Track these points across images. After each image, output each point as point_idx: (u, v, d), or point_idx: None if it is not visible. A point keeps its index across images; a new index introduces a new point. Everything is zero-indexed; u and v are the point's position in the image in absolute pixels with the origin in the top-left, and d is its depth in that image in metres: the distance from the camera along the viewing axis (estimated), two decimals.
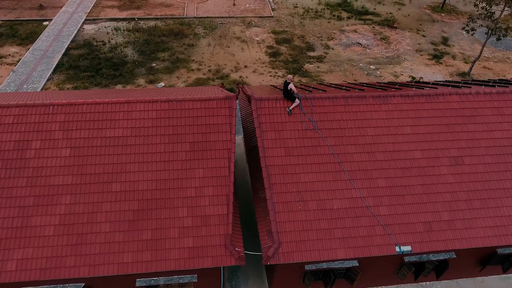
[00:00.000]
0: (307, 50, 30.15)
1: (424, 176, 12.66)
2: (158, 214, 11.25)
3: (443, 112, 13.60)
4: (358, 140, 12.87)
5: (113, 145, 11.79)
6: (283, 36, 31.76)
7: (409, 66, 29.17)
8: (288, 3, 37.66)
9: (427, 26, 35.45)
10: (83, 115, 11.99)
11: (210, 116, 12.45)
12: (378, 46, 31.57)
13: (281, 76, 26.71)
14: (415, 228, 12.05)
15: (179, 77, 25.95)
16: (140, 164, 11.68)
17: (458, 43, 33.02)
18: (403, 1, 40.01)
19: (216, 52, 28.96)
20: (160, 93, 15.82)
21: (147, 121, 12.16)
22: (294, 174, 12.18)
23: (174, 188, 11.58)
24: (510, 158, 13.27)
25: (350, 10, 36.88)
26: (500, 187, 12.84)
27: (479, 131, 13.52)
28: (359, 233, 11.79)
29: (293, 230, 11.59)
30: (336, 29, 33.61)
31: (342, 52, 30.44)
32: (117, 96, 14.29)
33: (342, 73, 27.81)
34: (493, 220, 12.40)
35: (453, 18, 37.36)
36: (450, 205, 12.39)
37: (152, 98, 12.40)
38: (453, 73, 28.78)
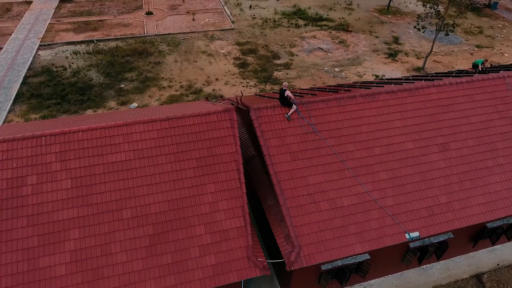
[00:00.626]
0: (273, 59, 30.89)
1: (419, 164, 13.53)
2: (175, 235, 10.92)
3: (424, 104, 14.68)
4: (355, 137, 13.47)
5: (117, 171, 11.29)
6: (247, 47, 32.27)
7: (369, 66, 30.95)
8: (246, 15, 38.38)
9: (378, 27, 37.90)
10: (80, 142, 11.37)
11: (212, 130, 12.39)
12: (338, 50, 33.17)
13: (253, 86, 27.10)
14: (419, 214, 12.81)
15: (151, 96, 25.35)
16: (148, 187, 11.30)
17: (408, 41, 35.65)
18: (352, 6, 42.44)
19: (185, 67, 28.71)
20: (146, 113, 15.42)
21: (149, 142, 11.81)
22: (302, 178, 12.45)
23: (188, 206, 11.33)
24: (487, 140, 14.60)
25: (306, 17, 38.42)
26: (484, 166, 14.06)
27: (458, 117, 14.75)
28: (371, 226, 12.29)
29: (310, 232, 11.80)
30: (297, 37, 34.82)
31: (306, 57, 31.57)
32: (99, 121, 13.73)
33: (310, 78, 28.82)
34: (483, 198, 13.54)
35: (398, 19, 40.29)
36: (446, 189, 13.35)
37: (151, 118, 12.09)
38: (409, 69, 30.99)
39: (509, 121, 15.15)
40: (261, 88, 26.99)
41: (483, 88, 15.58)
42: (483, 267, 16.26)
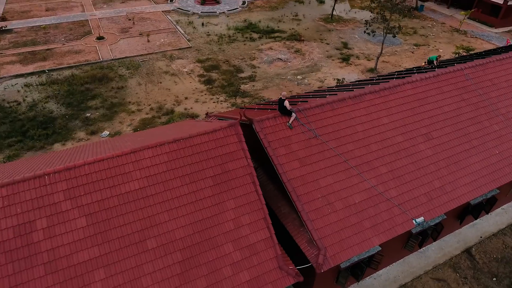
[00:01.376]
0: (237, 73, 31.32)
1: (410, 155, 14.65)
2: (205, 257, 10.65)
3: (404, 99, 15.98)
4: (352, 137, 14.24)
5: (133, 200, 10.78)
6: (209, 63, 32.38)
7: (328, 71, 32.68)
8: (200, 32, 38.54)
9: (326, 35, 40.21)
10: (88, 176, 10.70)
11: (221, 146, 12.36)
12: (296, 59, 34.60)
13: (223, 101, 27.21)
14: (420, 201, 13.83)
15: (121, 122, 24.31)
16: (169, 212, 10.92)
17: (356, 45, 38.27)
18: (298, 17, 44.59)
19: (150, 89, 28.00)
20: (134, 139, 14.90)
21: (161, 166, 11.46)
22: (313, 182, 12.85)
23: (212, 226, 11.13)
24: (460, 125, 16.25)
25: (258, 31, 39.58)
26: (463, 150, 15.61)
27: (433, 108, 16.25)
28: (382, 218, 13.01)
29: (331, 232, 12.19)
30: (254, 49, 35.70)
31: (268, 69, 32.47)
32: (87, 154, 13.08)
33: (276, 87, 29.68)
34: (468, 178, 14.99)
35: (343, 26, 43.14)
36: (437, 174, 14.59)
37: (158, 142, 11.75)
38: (363, 70, 33.25)
39: (474, 107, 17.02)
40: (232, 102, 27.20)
41: (447, 80, 17.37)
42: (470, 242, 17.86)
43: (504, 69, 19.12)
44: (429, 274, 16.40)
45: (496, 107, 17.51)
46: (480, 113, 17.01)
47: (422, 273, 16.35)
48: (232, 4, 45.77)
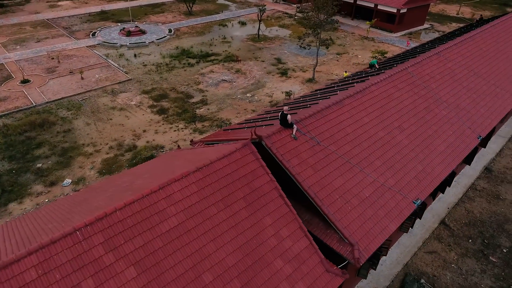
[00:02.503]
0: (187, 99, 31.06)
1: (394, 146, 16.48)
2: (261, 278, 10.59)
3: (374, 99, 17.94)
4: (346, 138, 15.50)
5: (177, 237, 10.26)
6: (156, 93, 31.52)
7: (272, 86, 34.37)
8: (135, 63, 37.29)
9: (259, 53, 42.28)
10: (124, 222, 9.90)
11: (242, 166, 12.46)
12: (239, 78, 35.67)
13: (184, 128, 26.75)
14: (412, 184, 15.60)
15: (81, 166, 22.23)
16: (214, 242, 10.63)
17: (288, 60, 40.96)
18: (227, 39, 46.06)
19: (102, 128, 26.14)
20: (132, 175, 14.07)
21: (192, 197, 11.11)
22: (329, 185, 13.66)
23: (257, 246, 11.11)
24: (419, 115, 18.79)
25: (194, 56, 39.84)
26: (427, 135, 18.06)
27: (397, 104, 18.53)
28: (390, 206, 14.36)
29: (357, 228, 13.07)
30: (196, 74, 35.82)
31: (216, 91, 32.87)
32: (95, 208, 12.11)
33: (231, 107, 30.21)
34: (438, 158, 17.37)
35: (270, 43, 45.82)
36: (417, 159, 16.63)
37: (182, 173, 11.39)
38: (303, 81, 35.73)
39: (424, 98, 19.85)
40: (193, 128, 26.89)
41: (399, 79, 19.99)
42: (442, 214, 20.47)
43: (435, 63, 22.69)
44: (422, 249, 18.35)
45: (438, 96, 20.67)
46: (429, 102, 19.90)
47: (416, 250, 18.22)
48: (159, 33, 45.27)
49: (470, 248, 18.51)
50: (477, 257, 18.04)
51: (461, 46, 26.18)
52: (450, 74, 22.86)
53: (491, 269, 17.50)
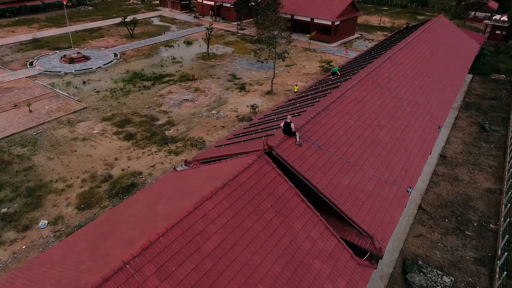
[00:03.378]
0: (153, 121, 30.17)
1: (379, 143, 17.96)
2: (306, 281, 10.87)
3: (352, 103, 19.41)
4: (340, 140, 16.56)
5: (224, 254, 10.15)
6: (117, 119, 30.10)
7: (234, 101, 34.87)
8: (86, 90, 35.21)
9: (212, 71, 42.63)
10: (170, 248, 9.55)
11: (262, 178, 12.71)
12: (200, 96, 35.59)
13: (157, 151, 25.93)
14: (402, 175, 17.12)
15: (55, 204, 20.37)
16: (258, 254, 10.69)
17: (242, 75, 41.89)
18: (177, 59, 45.70)
19: (68, 161, 24.23)
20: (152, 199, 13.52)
21: (227, 213, 11.08)
22: (338, 184, 14.47)
23: (295, 251, 11.40)
24: (391, 113, 20.71)
25: (147, 78, 38.86)
26: (403, 129, 19.97)
27: (370, 105, 20.25)
28: (391, 197, 15.60)
29: (372, 221, 13.99)
30: (155, 96, 34.96)
31: (180, 111, 32.40)
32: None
33: (200, 126, 30.00)
34: (415, 149, 19.27)
35: (221, 60, 46.47)
36: (400, 151, 18.30)
37: (212, 190, 11.30)
38: (262, 94, 36.82)
39: (389, 97, 21.93)
40: (167, 150, 26.19)
41: (366, 83, 21.88)
42: (417, 200, 22.50)
43: (389, 67, 25.20)
44: (410, 235, 20.00)
45: (400, 95, 22.99)
46: (395, 101, 22.05)
47: (406, 236, 19.80)
48: (104, 58, 43.35)
49: (448, 226, 20.64)
50: (456, 234, 20.16)
51: (405, 50, 29.42)
52: (404, 75, 25.56)
53: (469, 242, 19.68)
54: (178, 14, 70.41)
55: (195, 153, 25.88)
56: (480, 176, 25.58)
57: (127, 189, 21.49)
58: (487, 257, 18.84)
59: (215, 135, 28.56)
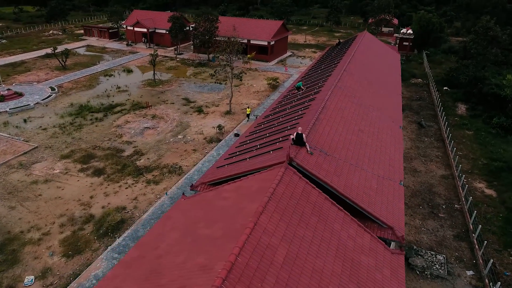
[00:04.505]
0: (119, 153, 28.50)
1: (366, 145, 19.75)
2: (363, 275, 11.59)
3: (334, 112, 21.06)
4: (337, 145, 17.90)
5: (293, 264, 10.40)
6: (78, 155, 27.78)
7: (197, 124, 34.63)
8: (30, 128, 31.77)
9: (163, 96, 41.79)
10: (249, 267, 9.53)
11: (294, 188, 13.25)
12: (160, 123, 34.61)
13: (135, 182, 24.58)
14: (391, 171, 19.02)
15: (37, 256, 18.05)
16: (318, 259, 11.13)
17: (195, 98, 41.82)
18: (122, 88, 43.81)
19: (35, 207, 21.62)
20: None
21: (281, 226, 11.36)
22: (351, 185, 15.62)
23: (344, 251, 12.07)
24: (366, 118, 22.87)
25: (96, 110, 36.60)
26: (377, 132, 22.17)
27: (348, 112, 22.17)
28: (391, 190, 17.23)
29: (386, 213, 15.34)
30: (112, 127, 33.06)
31: (144, 139, 31.12)
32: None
33: (170, 152, 29.19)
34: (391, 147, 21.52)
35: (169, 85, 45.78)
36: (382, 152, 20.30)
37: (261, 204, 11.51)
38: (222, 115, 37.21)
39: (358, 105, 24.21)
40: (145, 180, 24.96)
41: (337, 94, 23.89)
42: None
43: (348, 78, 27.80)
44: None
45: (364, 102, 25.50)
46: (363, 108, 24.40)
47: None
48: (40, 93, 39.68)
49: (424, 212, 23.22)
50: (432, 218, 22.78)
51: (352, 62, 32.66)
52: (360, 84, 28.39)
53: (445, 223, 22.40)
54: (107, 42, 67.58)
55: (176, 180, 25.16)
56: (432, 165, 29.27)
57: (117, 226, 20.00)
58: (462, 232, 21.64)
59: (190, 159, 28.07)
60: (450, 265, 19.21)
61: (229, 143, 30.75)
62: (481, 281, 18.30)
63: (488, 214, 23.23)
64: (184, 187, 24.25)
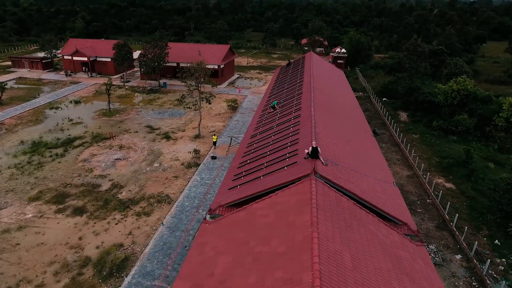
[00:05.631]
0: (96, 189, 26.59)
1: (358, 153, 21.46)
2: (405, 268, 12.72)
3: (324, 126, 22.55)
4: (340, 155, 19.25)
5: (360, 266, 11.14)
6: (48, 195, 25.30)
7: (169, 151, 33.81)
8: None
9: (124, 125, 40.01)
10: (331, 274, 10.05)
11: (328, 197, 14.11)
12: (130, 153, 33.09)
13: (124, 216, 23.20)
14: (383, 173, 20.90)
15: None
16: (374, 258, 12.00)
17: (158, 124, 40.75)
18: (74, 120, 40.95)
19: (17, 258, 19.15)
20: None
21: (335, 232, 12.08)
22: (365, 190, 16.95)
23: (386, 248, 13.14)
24: (346, 129, 24.79)
25: (54, 145, 33.70)
26: (359, 140, 24.18)
27: (333, 125, 23.87)
28: (391, 191, 18.98)
29: (397, 212, 16.87)
30: (78, 162, 30.73)
31: (118, 171, 29.48)
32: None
33: (151, 181, 28.08)
34: (373, 152, 23.64)
35: (127, 114, 43.95)
36: (372, 157, 22.22)
37: (313, 215, 12.13)
38: (191, 139, 36.82)
39: (335, 117, 26.18)
40: (134, 212, 23.68)
41: (319, 109, 25.56)
42: None
43: (318, 94, 29.85)
44: None
45: (338, 113, 27.60)
46: (342, 121, 26.39)
47: None
48: None
49: None
50: (412, 213, 25.20)
51: (316, 80, 35.05)
52: (330, 100, 30.65)
53: (424, 216, 24.97)
54: (42, 73, 62.66)
55: (168, 209, 24.32)
56: (397, 167, 32.41)
57: (121, 265, 18.71)
58: (441, 223, 24.31)
59: (174, 186, 27.31)
60: (441, 252, 21.47)
61: (209, 167, 30.62)
62: (469, 262, 20.75)
63: (455, 204, 26.44)
64: (178, 215, 23.56)
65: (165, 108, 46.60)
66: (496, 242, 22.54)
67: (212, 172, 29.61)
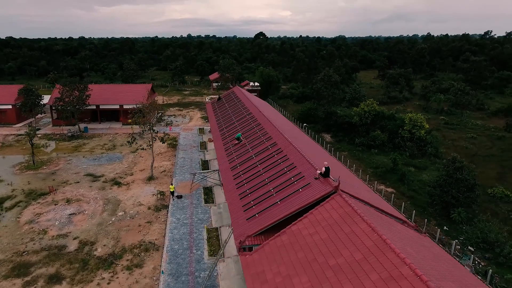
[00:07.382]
0: (61, 250, 23.13)
1: (339, 170, 24.10)
2: (432, 253, 15.30)
3: (304, 149, 24.74)
4: (338, 174, 21.53)
5: (420, 259, 13.14)
6: (3, 269, 21.00)
7: (128, 197, 31.41)
8: None
9: (58, 177, 35.49)
10: None
11: (358, 205, 16.02)
12: (83, 206, 29.61)
13: (113, 273, 20.88)
14: (360, 182, 23.94)
15: None
16: (416, 252, 14.20)
17: (99, 171, 37.29)
18: (7, 181, 34.65)
19: None
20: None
21: (391, 235, 13.94)
22: (369, 197, 19.41)
23: (413, 241, 15.54)
24: (317, 153, 27.45)
25: None
26: (327, 158, 27.07)
27: (310, 149, 26.25)
28: (375, 195, 21.99)
29: (392, 211, 19.74)
30: (24, 225, 26.18)
31: (80, 227, 26.15)
32: None
33: (124, 232, 25.77)
34: (341, 166, 26.76)
35: (55, 165, 38.98)
36: (344, 171, 25.16)
37: (367, 224, 13.83)
38: (144, 181, 34.79)
39: (306, 144, 28.77)
40: (121, 267, 21.47)
41: (289, 136, 27.75)
42: None
43: (270, 126, 32.25)
44: None
45: (304, 139, 30.31)
46: (310, 145, 29.08)
47: None
48: None
49: None
50: None
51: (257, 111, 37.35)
52: (281, 125, 33.22)
53: None
54: None
55: (159, 256, 22.75)
56: None
57: None
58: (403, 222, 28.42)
59: (152, 232, 25.64)
60: None
61: (179, 206, 29.59)
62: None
63: (402, 203, 31.23)
64: (174, 259, 22.29)
65: (98, 154, 42.97)
66: (445, 228, 27.54)
67: (186, 211, 28.72)
